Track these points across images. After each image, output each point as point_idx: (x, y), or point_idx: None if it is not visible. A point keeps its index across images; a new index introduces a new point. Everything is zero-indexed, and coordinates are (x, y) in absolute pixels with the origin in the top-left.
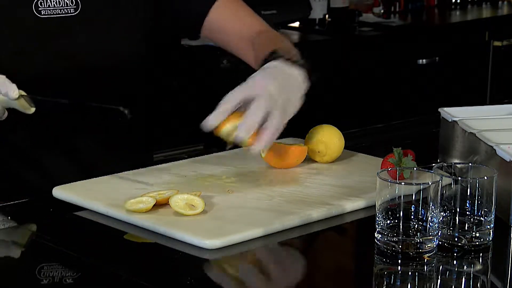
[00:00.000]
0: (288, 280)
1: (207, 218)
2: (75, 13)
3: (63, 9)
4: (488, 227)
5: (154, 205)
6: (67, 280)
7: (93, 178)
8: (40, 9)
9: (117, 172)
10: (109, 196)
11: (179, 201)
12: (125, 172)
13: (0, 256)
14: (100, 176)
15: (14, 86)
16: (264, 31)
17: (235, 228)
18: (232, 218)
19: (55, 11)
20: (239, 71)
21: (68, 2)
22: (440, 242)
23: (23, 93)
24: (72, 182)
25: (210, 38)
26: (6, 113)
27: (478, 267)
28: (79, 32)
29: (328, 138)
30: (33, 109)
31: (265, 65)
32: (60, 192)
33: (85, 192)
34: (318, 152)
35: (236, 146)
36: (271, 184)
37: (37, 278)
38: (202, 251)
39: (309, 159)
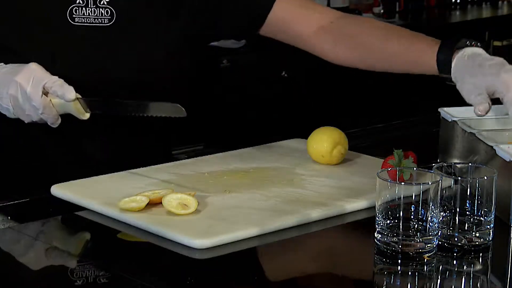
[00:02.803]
0: (285, 281)
1: (199, 217)
2: (109, 24)
3: (97, 19)
4: (488, 227)
5: (148, 204)
6: (63, 277)
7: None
8: (74, 16)
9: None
10: (106, 195)
11: (172, 200)
12: (125, 171)
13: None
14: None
15: (71, 88)
16: (347, 16)
17: (227, 228)
18: (225, 218)
19: (89, 20)
20: (239, 71)
21: (103, 12)
22: (440, 242)
23: (79, 96)
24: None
25: (273, 34)
26: (60, 120)
27: (478, 267)
28: (112, 44)
29: (332, 140)
30: (88, 114)
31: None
32: (58, 190)
33: (82, 190)
34: (322, 156)
35: (238, 147)
36: (270, 184)
37: (32, 270)
38: (193, 250)
39: (310, 160)
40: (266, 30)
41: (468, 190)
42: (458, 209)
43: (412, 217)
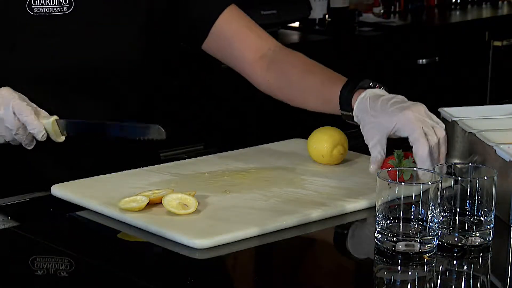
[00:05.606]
0: (285, 281)
1: (200, 217)
2: (67, 12)
3: (56, 8)
4: (488, 227)
5: (148, 204)
6: (63, 277)
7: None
8: (33, 6)
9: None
10: (106, 195)
11: (172, 200)
12: (125, 171)
13: None
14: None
15: (41, 128)
16: (282, 47)
17: (227, 228)
18: (225, 218)
19: (48, 9)
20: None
21: (61, 0)
22: (440, 242)
23: (57, 117)
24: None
25: (214, 51)
26: (35, 142)
27: (478, 267)
28: (72, 31)
29: (332, 140)
30: (63, 137)
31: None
32: (58, 190)
33: (82, 190)
34: (322, 156)
35: (238, 147)
36: (270, 184)
37: (32, 270)
38: (193, 250)
39: (310, 160)
40: (209, 45)
41: (468, 190)
42: (458, 209)
43: (412, 217)
